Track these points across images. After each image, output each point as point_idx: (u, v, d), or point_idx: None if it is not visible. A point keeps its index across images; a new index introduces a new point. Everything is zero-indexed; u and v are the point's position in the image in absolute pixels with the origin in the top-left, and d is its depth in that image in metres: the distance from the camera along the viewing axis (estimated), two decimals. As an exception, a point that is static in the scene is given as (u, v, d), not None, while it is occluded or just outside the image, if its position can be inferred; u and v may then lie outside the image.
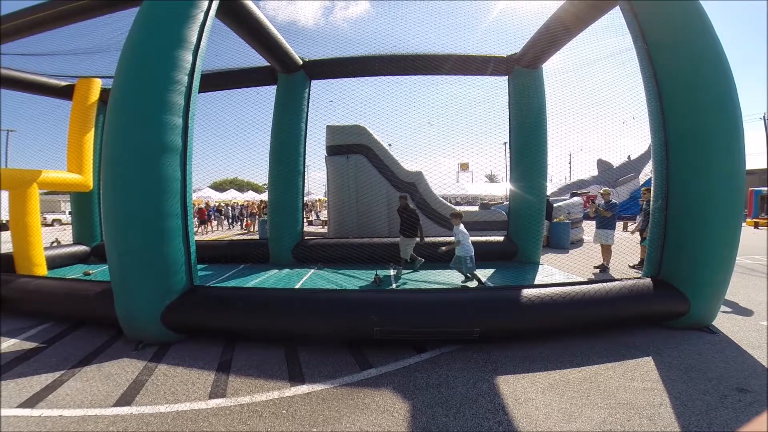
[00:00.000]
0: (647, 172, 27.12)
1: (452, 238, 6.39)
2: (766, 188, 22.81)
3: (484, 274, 7.06)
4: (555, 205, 12.21)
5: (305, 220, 9.39)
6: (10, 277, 5.77)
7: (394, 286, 6.38)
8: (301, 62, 8.33)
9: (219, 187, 35.67)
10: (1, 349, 4.22)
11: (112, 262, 4.28)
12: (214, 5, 4.99)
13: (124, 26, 5.01)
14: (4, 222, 21.55)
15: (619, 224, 14.26)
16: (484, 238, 8.90)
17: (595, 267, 8.07)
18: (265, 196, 21.91)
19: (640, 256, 8.02)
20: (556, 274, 7.11)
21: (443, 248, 6.31)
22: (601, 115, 7.94)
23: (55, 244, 9.92)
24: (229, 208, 24.69)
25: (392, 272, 7.47)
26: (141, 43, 4.44)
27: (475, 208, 12.81)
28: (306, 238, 8.97)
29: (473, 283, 6.29)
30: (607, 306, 4.28)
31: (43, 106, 9.42)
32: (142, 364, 3.78)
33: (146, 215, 4.16)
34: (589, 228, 11.58)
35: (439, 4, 8.01)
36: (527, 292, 4.25)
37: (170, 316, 4.18)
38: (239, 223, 23.15)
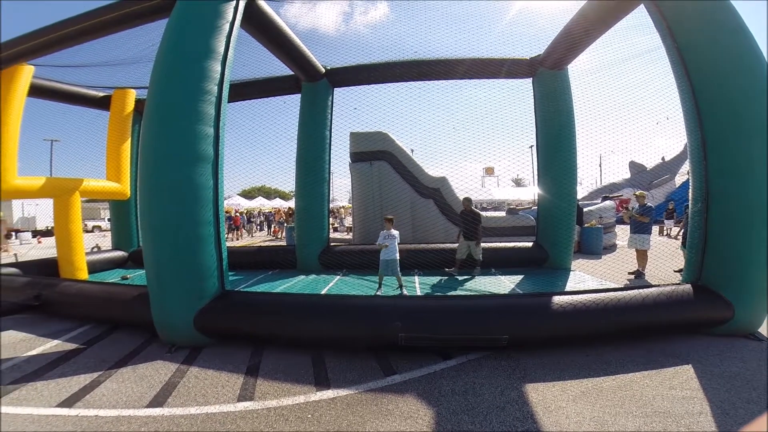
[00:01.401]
0: (684, 172, 25.96)
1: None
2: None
3: (512, 280, 6.91)
4: (585, 209, 11.83)
5: (330, 226, 9.49)
6: (54, 281, 6.10)
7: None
8: (323, 70, 8.46)
9: (248, 194, 36.58)
10: (44, 349, 4.46)
11: (148, 267, 4.45)
12: (239, 16, 5.15)
13: (155, 37, 5.22)
14: (48, 228, 22.89)
15: (655, 228, 13.67)
16: (512, 244, 8.73)
17: (629, 273, 7.76)
18: (291, 203, 22.36)
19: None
20: (589, 280, 6.87)
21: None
22: (633, 116, 7.67)
23: (95, 249, 10.45)
24: (252, 215, 25.48)
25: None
26: (171, 55, 4.63)
27: (502, 214, 12.56)
28: (332, 244, 9.05)
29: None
30: (644, 313, 4.09)
31: (85, 116, 9.91)
32: (174, 366, 3.90)
33: (181, 222, 4.31)
34: (623, 233, 11.16)
35: (459, 5, 7.98)
36: (558, 299, 4.12)
37: (202, 319, 4.29)
38: (260, 228, 23.83)
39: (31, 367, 3.95)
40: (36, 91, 8.02)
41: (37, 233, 23.17)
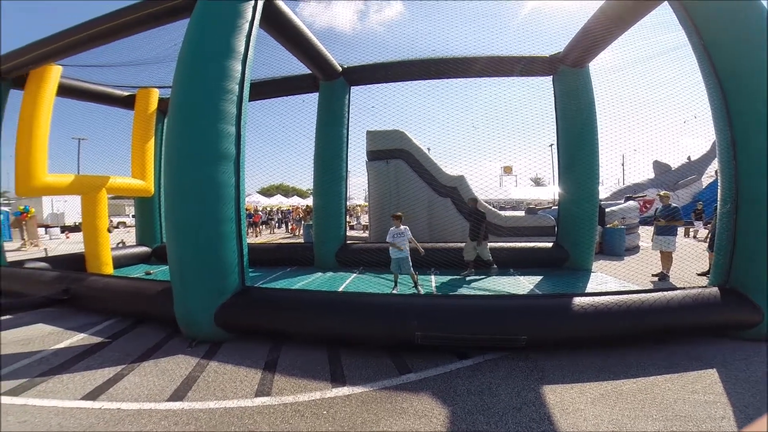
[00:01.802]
0: (710, 173, 25.07)
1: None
2: None
3: (531, 281, 6.81)
4: (608, 209, 11.55)
5: (347, 224, 9.56)
6: (82, 276, 6.30)
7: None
8: (340, 69, 8.50)
9: (266, 192, 37.05)
10: (71, 342, 4.62)
11: (171, 263, 4.56)
12: (258, 15, 5.21)
13: (178, 37, 5.33)
14: (76, 225, 23.68)
15: (680, 229, 13.19)
16: (531, 244, 8.60)
17: (653, 275, 7.54)
18: (308, 201, 22.69)
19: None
20: (611, 282, 6.71)
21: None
22: (659, 114, 7.43)
23: (120, 245, 10.76)
24: (272, 212, 26.00)
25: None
26: (193, 55, 4.72)
27: (521, 213, 12.36)
28: (348, 242, 9.10)
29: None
30: (669, 316, 3.97)
31: (111, 115, 10.20)
32: (195, 360, 3.98)
33: (203, 219, 4.40)
34: (646, 234, 10.84)
35: (476, 3, 7.89)
36: (579, 300, 4.04)
37: (223, 315, 4.37)
38: (278, 226, 24.27)
39: (59, 359, 4.09)
40: (64, 90, 8.28)
41: (65, 228, 23.97)
